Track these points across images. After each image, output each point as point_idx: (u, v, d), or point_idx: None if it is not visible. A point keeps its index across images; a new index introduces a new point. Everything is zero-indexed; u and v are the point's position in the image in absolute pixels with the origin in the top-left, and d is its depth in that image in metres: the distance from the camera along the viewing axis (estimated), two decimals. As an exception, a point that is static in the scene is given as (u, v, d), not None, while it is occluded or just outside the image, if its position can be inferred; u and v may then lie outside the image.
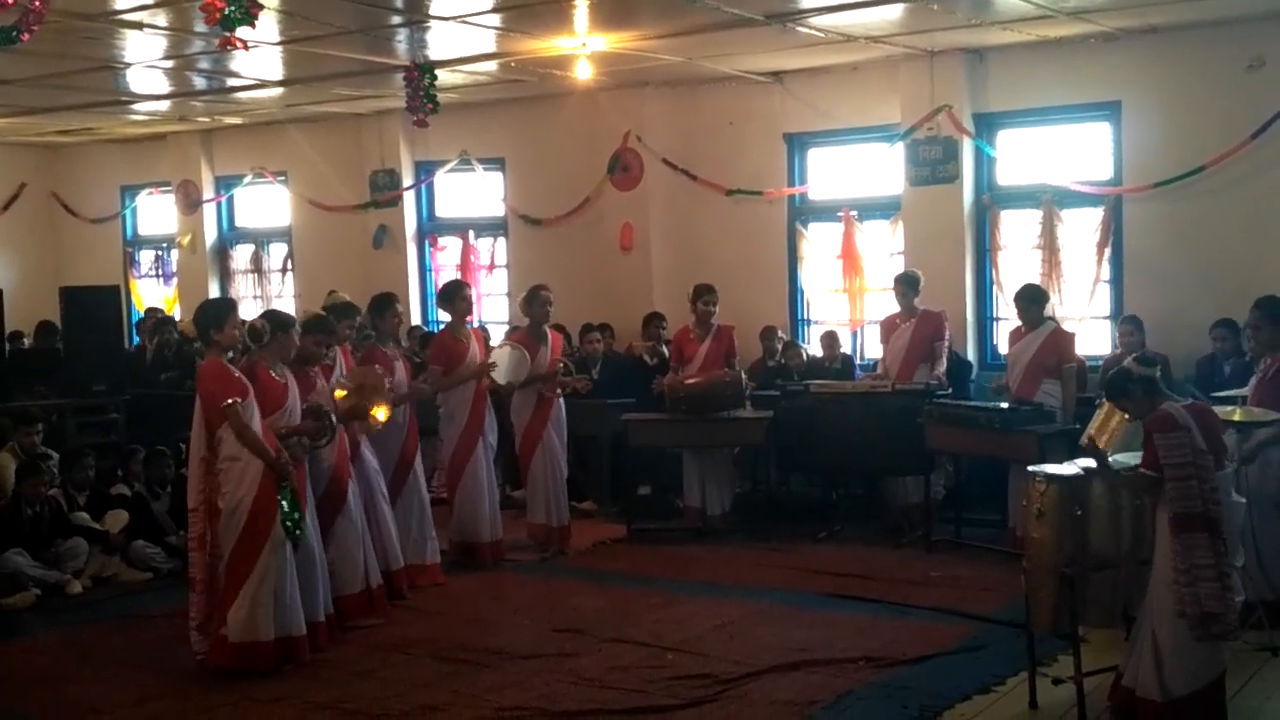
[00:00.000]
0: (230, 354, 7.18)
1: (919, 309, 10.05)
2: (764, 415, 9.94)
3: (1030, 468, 6.45)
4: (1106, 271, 10.73)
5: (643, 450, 10.41)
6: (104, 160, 16.75)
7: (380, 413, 7.99)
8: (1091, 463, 6.18)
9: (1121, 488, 5.96)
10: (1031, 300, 9.44)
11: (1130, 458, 6.04)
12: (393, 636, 7.63)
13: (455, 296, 9.49)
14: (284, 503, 6.90)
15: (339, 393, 7.89)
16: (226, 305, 7.71)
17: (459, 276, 13.46)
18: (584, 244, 13.02)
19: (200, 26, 8.35)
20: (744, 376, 10.12)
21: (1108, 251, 10.68)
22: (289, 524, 6.93)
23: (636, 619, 7.86)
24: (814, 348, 11.84)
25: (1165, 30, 10.10)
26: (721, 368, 10.00)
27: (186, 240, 15.90)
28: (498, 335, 12.01)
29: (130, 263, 16.95)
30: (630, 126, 12.64)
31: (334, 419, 7.54)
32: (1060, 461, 6.91)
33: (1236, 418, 6.96)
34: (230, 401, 6.80)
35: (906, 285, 10.10)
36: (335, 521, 7.70)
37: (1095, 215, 10.72)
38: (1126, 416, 6.41)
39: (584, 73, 10.62)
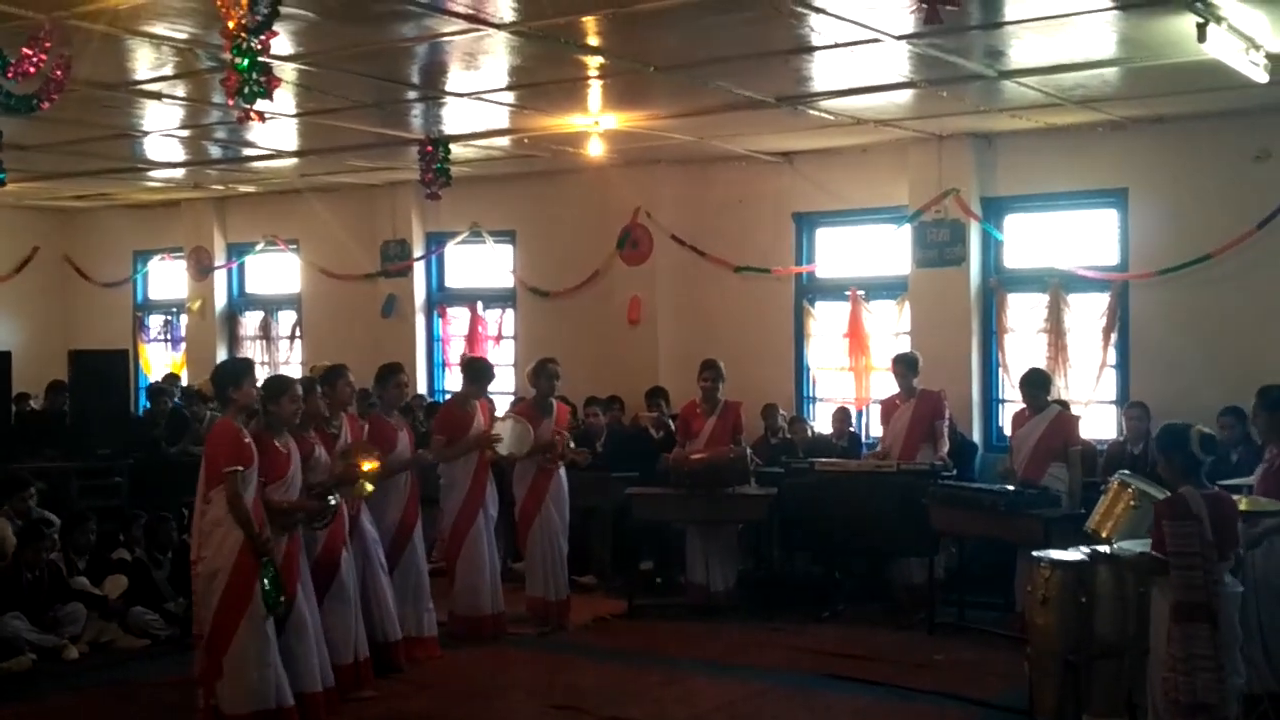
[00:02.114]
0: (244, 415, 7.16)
1: (918, 389, 10.06)
2: (768, 492, 9.92)
3: (1035, 553, 6.43)
4: (1112, 356, 10.76)
5: (646, 524, 10.37)
6: (117, 225, 16.91)
7: (368, 466, 7.87)
8: (1098, 548, 6.17)
9: (1127, 573, 5.93)
10: (1037, 385, 9.45)
11: (1136, 545, 6.02)
12: (388, 710, 7.55)
13: (484, 374, 9.53)
14: (265, 579, 6.81)
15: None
16: (245, 365, 7.67)
17: (464, 348, 13.51)
18: (592, 317, 13.08)
19: (218, 97, 8.48)
20: (750, 452, 10.11)
21: (1114, 336, 10.72)
22: (269, 600, 6.83)
23: (636, 697, 7.79)
24: (820, 425, 11.84)
25: (1172, 120, 10.22)
26: (728, 444, 9.99)
27: (197, 306, 15.99)
28: (503, 406, 12.02)
29: (139, 327, 17.04)
30: (640, 203, 12.76)
31: (333, 501, 7.47)
32: (1066, 546, 6.89)
33: (1243, 506, 6.92)
34: (232, 469, 6.78)
35: (905, 366, 10.12)
36: (328, 591, 7.63)
37: (1101, 300, 10.77)
38: (1133, 504, 6.40)
39: (596, 150, 10.74)
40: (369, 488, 7.92)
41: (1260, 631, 6.98)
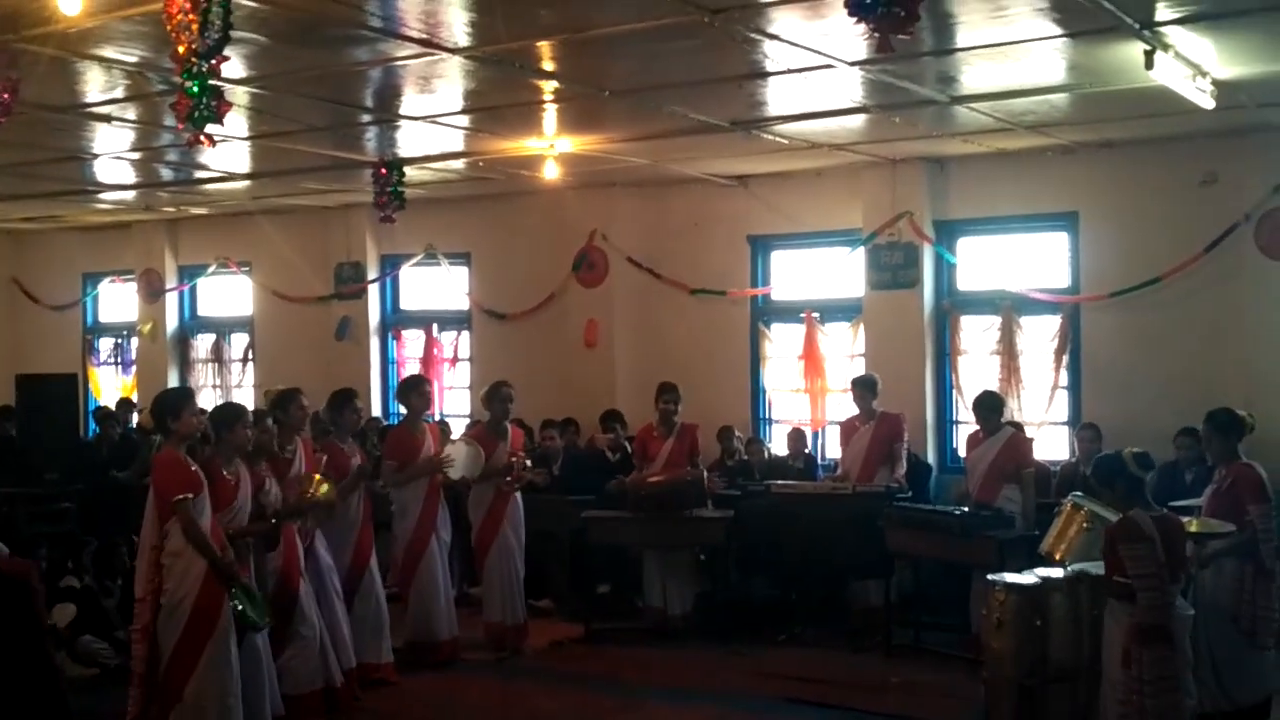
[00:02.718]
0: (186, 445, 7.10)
1: (878, 411, 10.10)
2: (725, 514, 9.91)
3: (990, 576, 6.45)
4: (1064, 378, 10.86)
5: (603, 548, 10.33)
6: (67, 248, 16.70)
7: (323, 488, 7.83)
8: (1051, 571, 6.20)
9: (1083, 595, 5.97)
10: (989, 408, 9.51)
11: (1090, 566, 6.06)
12: (344, 739, 7.48)
13: (412, 392, 9.46)
14: (236, 603, 6.77)
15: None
16: (183, 395, 7.61)
17: (420, 371, 13.44)
18: (548, 339, 13.06)
19: (169, 120, 8.39)
20: (706, 475, 10.10)
21: (1065, 358, 10.82)
22: (251, 620, 6.80)
23: (594, 723, 7.76)
24: (776, 446, 11.86)
25: (1120, 145, 10.35)
26: (685, 466, 9.98)
27: (148, 329, 15.81)
28: (458, 429, 11.97)
29: (89, 350, 16.82)
30: (596, 225, 12.77)
31: (277, 523, 7.42)
32: (1020, 567, 6.92)
33: (1193, 528, 7.00)
34: (181, 497, 6.70)
35: (864, 388, 10.16)
36: (290, 621, 7.56)
37: (1053, 323, 10.88)
38: (1086, 525, 6.45)
39: (551, 173, 10.72)
40: (330, 496, 7.87)
41: (1210, 650, 7.05)
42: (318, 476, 7.88)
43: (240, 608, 6.78)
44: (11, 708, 3.60)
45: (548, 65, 7.73)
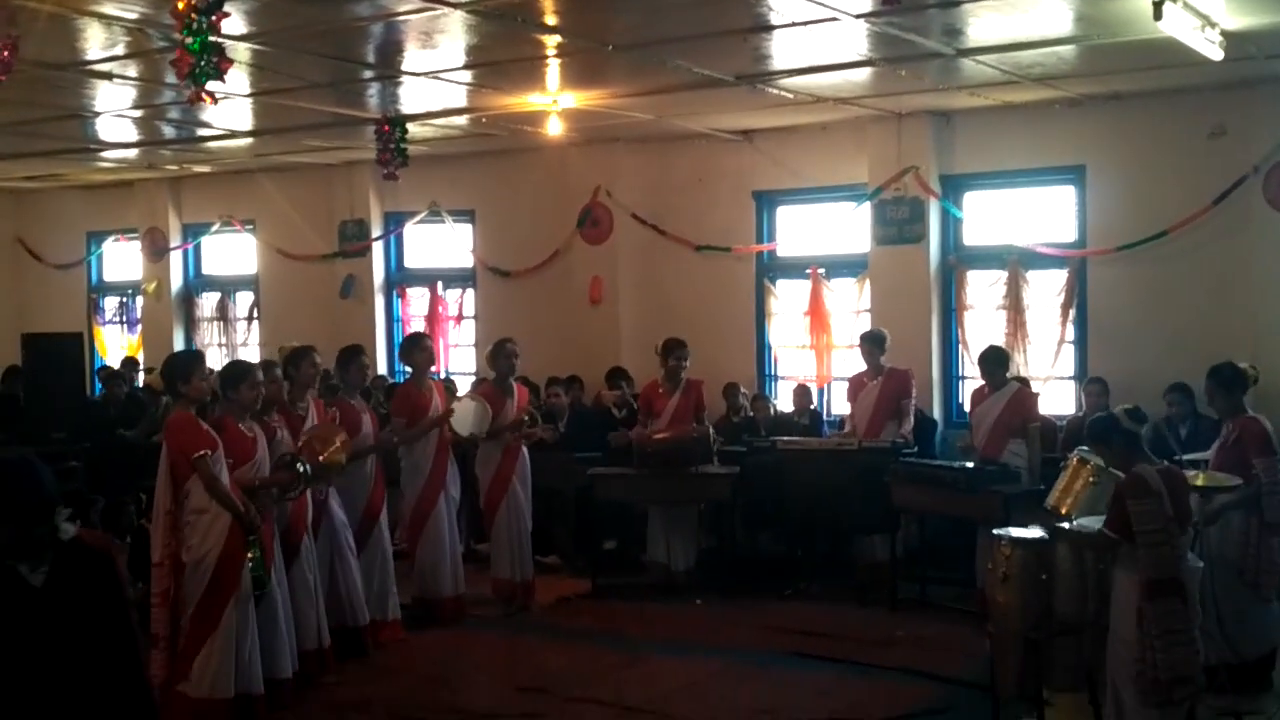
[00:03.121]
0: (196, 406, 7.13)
1: (885, 367, 10.09)
2: (730, 470, 9.93)
3: (995, 531, 6.46)
4: (1071, 332, 10.83)
5: (609, 504, 10.36)
6: (70, 206, 16.66)
7: (337, 446, 7.84)
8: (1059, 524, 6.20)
9: (1086, 550, 5.98)
10: (995, 363, 9.50)
11: (1094, 522, 6.06)
12: (352, 695, 7.53)
13: (415, 349, 9.47)
14: (252, 555, 6.84)
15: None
16: (193, 357, 7.67)
17: (424, 328, 13.44)
18: (552, 297, 13.04)
19: (170, 77, 8.35)
20: (712, 431, 10.11)
21: (1072, 313, 10.79)
22: (259, 576, 6.87)
23: (601, 677, 7.80)
24: (782, 403, 11.87)
25: (1128, 97, 10.26)
26: (690, 423, 9.98)
27: (152, 287, 15.81)
28: (465, 387, 11.99)
29: (94, 309, 16.83)
30: (600, 181, 12.71)
31: (308, 468, 7.45)
32: (1026, 522, 6.93)
33: (1199, 482, 7.00)
34: (201, 454, 6.75)
35: (873, 344, 10.15)
36: (288, 576, 7.60)
37: (1060, 277, 10.83)
38: (1092, 480, 6.44)
39: (555, 129, 10.67)
40: (342, 461, 7.88)
41: (1215, 604, 7.08)
42: (339, 440, 7.87)
43: (252, 562, 6.84)
44: (95, 688, 3.61)
45: (550, 19, 7.68)
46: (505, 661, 8.27)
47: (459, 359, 14.07)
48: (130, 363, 15.08)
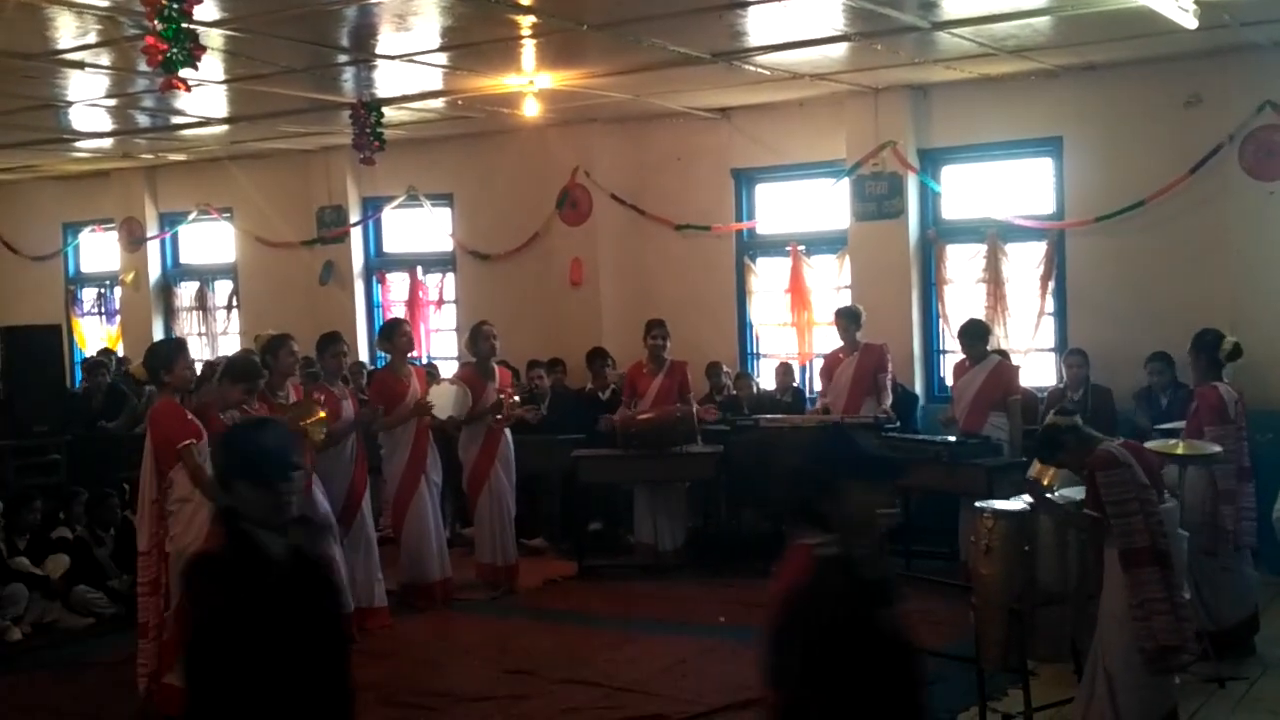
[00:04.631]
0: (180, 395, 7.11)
1: (861, 342, 10.11)
2: (715, 450, 9.94)
3: (978, 504, 6.49)
4: (1050, 304, 10.85)
5: (593, 486, 10.36)
6: (46, 197, 16.53)
7: (316, 417, 7.85)
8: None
9: (1069, 524, 6.01)
10: (975, 336, 9.53)
11: (1076, 492, 6.10)
12: (341, 681, 7.52)
13: (394, 334, 9.45)
14: None
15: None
16: (176, 346, 7.62)
17: (405, 313, 13.41)
18: (533, 279, 13.01)
19: (143, 65, 8.29)
20: (696, 410, 10.12)
21: (1051, 285, 10.81)
22: None
23: (588, 659, 7.82)
24: (764, 380, 11.89)
25: (1104, 68, 10.27)
26: (674, 403, 10.00)
27: (130, 278, 15.71)
28: (447, 371, 11.97)
29: (73, 301, 16.73)
30: (578, 162, 12.67)
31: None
32: (1009, 494, 6.97)
33: (1180, 450, 7.05)
34: (187, 443, 6.74)
35: (848, 320, 10.17)
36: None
37: (1038, 249, 10.85)
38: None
39: (531, 110, 10.63)
40: (320, 432, 7.88)
41: (1191, 572, 7.13)
42: (321, 413, 7.87)
43: None
44: (315, 674, 3.51)
45: None
46: (493, 644, 8.28)
47: (440, 344, 14.05)
48: (106, 353, 14.99)
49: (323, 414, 7.90)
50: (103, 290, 16.66)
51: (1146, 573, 5.47)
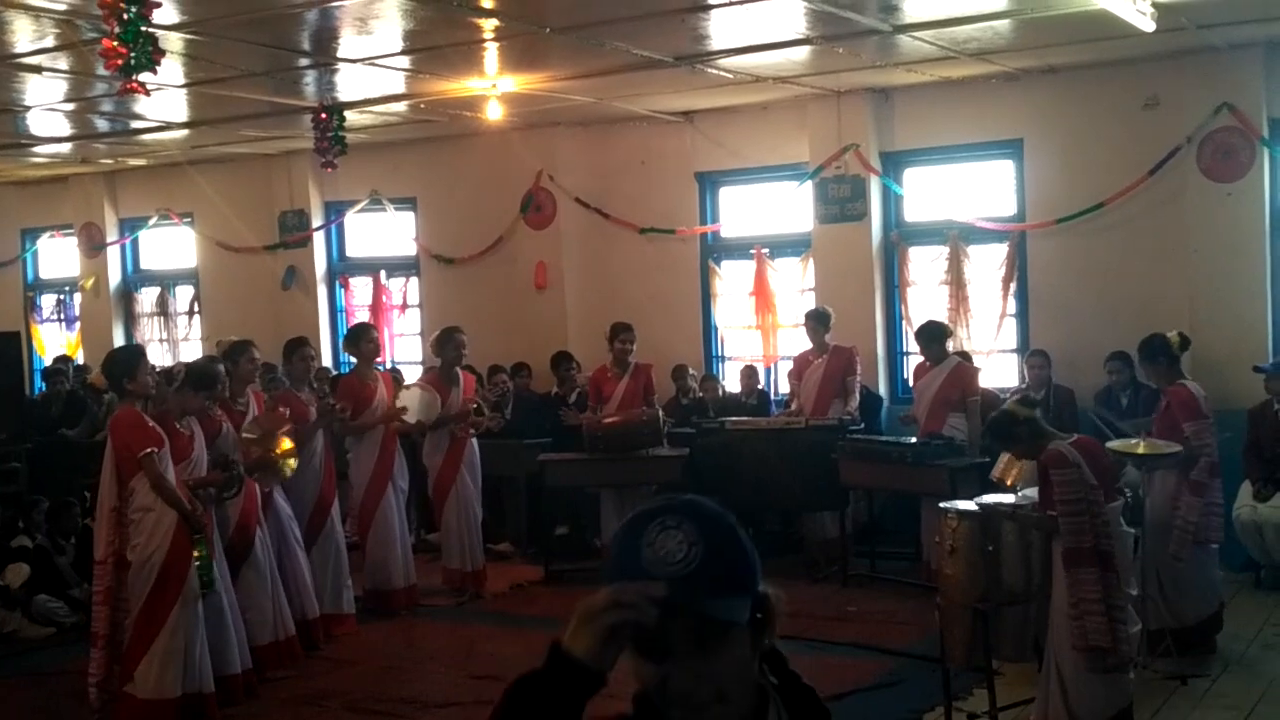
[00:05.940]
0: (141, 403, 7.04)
1: (830, 345, 10.15)
2: (681, 453, 9.95)
3: (942, 504, 6.52)
4: (1012, 306, 10.92)
5: (560, 490, 10.34)
6: (4, 203, 16.33)
7: (286, 448, 7.81)
8: (1000, 497, 6.27)
9: (1030, 526, 6.04)
10: (932, 338, 9.58)
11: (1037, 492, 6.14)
12: (306, 689, 7.49)
13: (360, 339, 9.41)
14: (199, 555, 6.77)
15: (246, 434, 7.75)
16: (136, 353, 7.54)
17: (369, 318, 13.35)
18: (498, 283, 12.97)
19: (102, 69, 8.22)
20: (661, 414, 10.13)
21: (1013, 286, 10.88)
22: (204, 575, 6.80)
23: (555, 663, 7.78)
24: (730, 383, 11.90)
25: (1064, 70, 10.36)
26: (640, 406, 10.00)
27: (90, 284, 15.56)
28: (411, 375, 11.91)
29: (31, 307, 16.54)
30: (542, 166, 12.65)
31: (241, 470, 7.40)
32: (971, 495, 7.00)
33: (1140, 450, 7.11)
34: (148, 451, 6.67)
35: (818, 322, 10.20)
36: (241, 572, 7.55)
37: (1000, 251, 10.92)
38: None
39: (494, 113, 10.61)
40: (291, 466, 7.86)
41: (1156, 570, 7.20)
42: (286, 443, 7.81)
43: (199, 561, 6.78)
44: None
45: (487, 2, 7.63)
46: (459, 650, 8.24)
47: (405, 348, 13.98)
48: (65, 360, 14.83)
49: (289, 444, 7.84)
50: (62, 296, 16.48)
51: (1085, 572, 5.52)
